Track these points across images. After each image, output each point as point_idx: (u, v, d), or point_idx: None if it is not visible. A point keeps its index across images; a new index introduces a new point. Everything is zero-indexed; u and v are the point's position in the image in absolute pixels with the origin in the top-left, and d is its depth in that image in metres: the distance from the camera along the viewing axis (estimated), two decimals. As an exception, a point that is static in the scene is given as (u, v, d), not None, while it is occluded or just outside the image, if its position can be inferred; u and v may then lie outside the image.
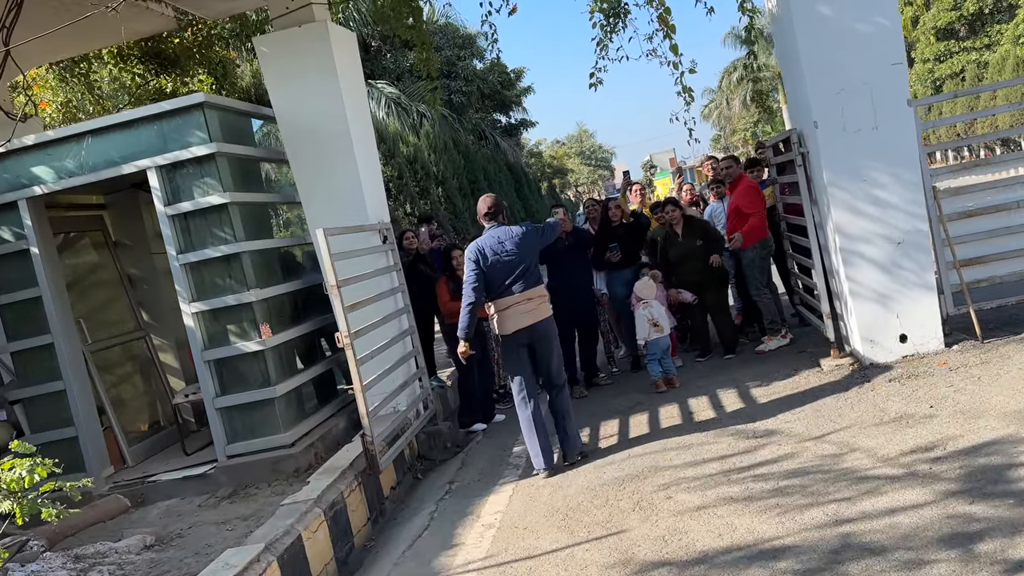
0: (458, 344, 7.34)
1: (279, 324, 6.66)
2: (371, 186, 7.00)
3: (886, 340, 6.30)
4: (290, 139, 6.78)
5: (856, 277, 6.29)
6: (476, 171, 21.51)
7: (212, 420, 6.31)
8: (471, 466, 6.33)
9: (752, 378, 6.92)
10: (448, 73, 22.47)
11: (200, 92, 6.13)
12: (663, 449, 5.56)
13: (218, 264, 6.26)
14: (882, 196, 6.17)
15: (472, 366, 7.40)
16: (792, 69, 6.52)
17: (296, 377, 6.60)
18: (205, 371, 6.26)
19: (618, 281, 8.11)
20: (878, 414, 5.27)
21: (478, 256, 5.71)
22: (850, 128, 6.15)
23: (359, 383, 5.42)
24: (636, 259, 8.17)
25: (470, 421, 7.42)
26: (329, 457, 6.30)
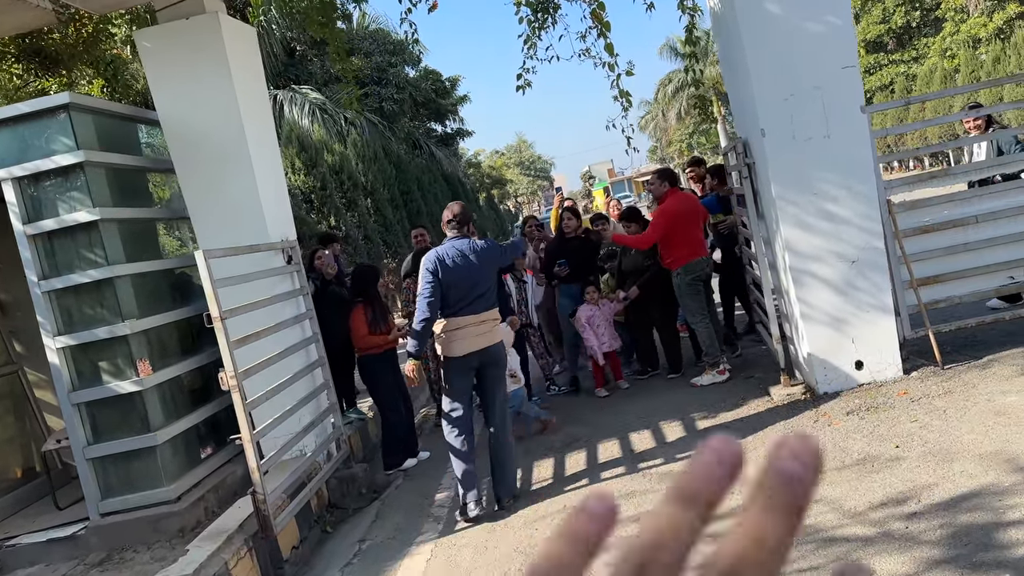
0: (378, 376, 6.68)
1: (165, 358, 5.81)
2: (273, 199, 6.21)
3: (840, 367, 5.78)
4: (176, 145, 5.95)
5: (807, 298, 5.77)
6: (409, 181, 20.69)
7: (83, 473, 5.43)
8: (387, 518, 5.57)
9: (698, 407, 6.34)
10: (379, 80, 21.64)
11: (66, 92, 5.26)
12: (601, 499, 4.90)
13: (87, 291, 5.39)
14: (835, 210, 5.66)
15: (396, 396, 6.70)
16: (737, 72, 5.98)
17: (184, 420, 5.75)
18: (74, 416, 5.38)
19: (564, 293, 7.74)
20: (839, 455, 4.71)
21: (436, 266, 5.03)
22: (800, 136, 5.63)
23: (247, 432, 4.63)
24: (586, 273, 7.73)
25: (398, 460, 6.65)
26: (224, 511, 5.49)
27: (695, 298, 7.03)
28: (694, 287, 7.01)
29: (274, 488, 5.03)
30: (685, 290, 7.02)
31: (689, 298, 7.03)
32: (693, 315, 7.07)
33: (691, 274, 6.98)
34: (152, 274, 5.92)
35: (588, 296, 7.39)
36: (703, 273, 7.05)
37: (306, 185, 13.26)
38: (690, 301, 7.04)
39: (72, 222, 5.29)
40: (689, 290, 7.00)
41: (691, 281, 6.99)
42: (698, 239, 7.08)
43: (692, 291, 7.01)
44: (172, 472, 5.51)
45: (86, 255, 5.36)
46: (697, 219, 7.19)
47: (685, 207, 7.07)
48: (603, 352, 7.33)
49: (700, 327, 7.03)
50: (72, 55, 7.81)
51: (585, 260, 7.79)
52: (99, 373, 5.42)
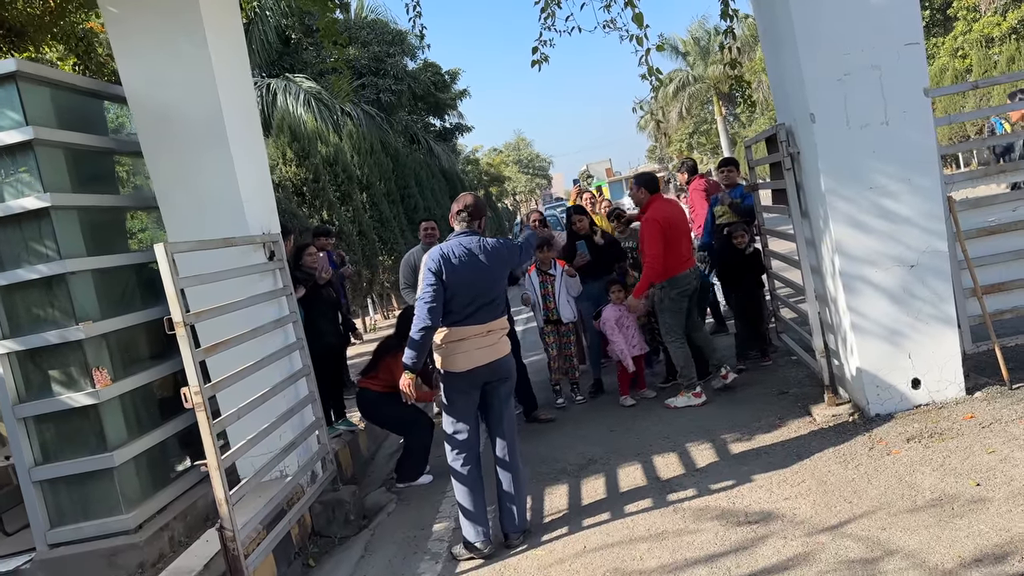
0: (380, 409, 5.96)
1: (128, 366, 5.11)
2: (254, 187, 5.50)
3: (895, 385, 5.11)
4: (144, 125, 5.23)
5: (859, 307, 5.08)
6: (407, 176, 19.98)
7: (28, 497, 4.74)
8: (378, 552, 4.87)
9: (728, 426, 5.65)
10: (376, 70, 20.90)
11: (13, 60, 4.55)
12: (629, 539, 4.21)
13: (36, 289, 4.69)
14: (892, 208, 4.98)
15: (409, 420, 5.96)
16: (781, 50, 5.29)
17: (148, 436, 5.05)
18: (18, 432, 4.68)
19: (583, 296, 7.17)
20: (908, 492, 4.03)
21: (440, 266, 4.32)
22: (855, 122, 4.95)
23: (214, 457, 3.93)
24: (603, 272, 7.14)
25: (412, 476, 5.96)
26: (191, 542, 4.80)
27: (676, 315, 6.41)
28: (677, 303, 6.39)
29: (247, 521, 4.33)
30: (668, 305, 6.38)
31: (670, 314, 6.40)
32: (669, 333, 6.43)
33: (677, 288, 6.34)
34: (116, 270, 5.22)
35: (613, 295, 6.77)
36: (689, 287, 6.41)
37: (297, 177, 12.55)
38: (670, 318, 6.40)
39: (19, 209, 4.60)
40: (672, 305, 6.39)
41: (676, 296, 6.36)
42: (686, 249, 6.43)
43: (675, 307, 6.39)
44: (132, 497, 4.81)
45: (35, 247, 4.66)
46: (684, 227, 6.54)
47: (672, 213, 6.42)
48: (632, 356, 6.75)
49: (675, 346, 6.42)
50: (39, 27, 7.09)
51: (600, 259, 7.14)
52: (49, 383, 4.73)
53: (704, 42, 49.35)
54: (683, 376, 6.46)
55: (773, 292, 7.02)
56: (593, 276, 7.15)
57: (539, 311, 7.14)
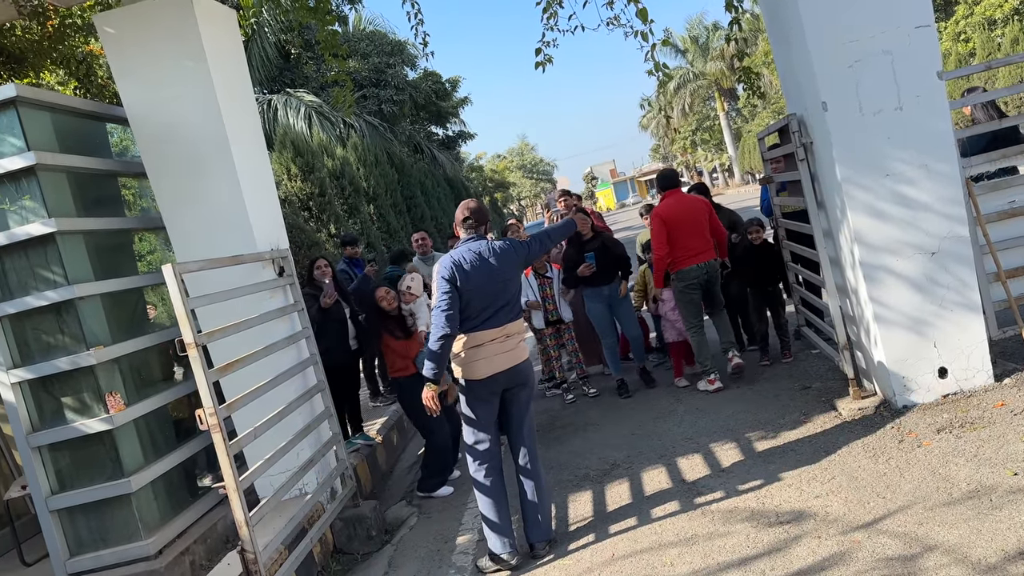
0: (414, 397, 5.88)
1: (142, 389, 5.06)
2: (260, 204, 5.44)
3: (921, 375, 4.99)
4: (147, 145, 5.18)
5: (882, 298, 4.97)
6: (412, 186, 19.97)
7: (46, 527, 4.67)
8: (402, 567, 4.79)
9: (751, 424, 5.55)
10: (377, 81, 20.88)
11: (12, 84, 4.50)
12: (658, 545, 4.11)
13: (45, 316, 4.64)
14: (911, 194, 4.88)
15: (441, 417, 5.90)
16: (789, 39, 5.19)
17: (165, 460, 4.99)
18: (33, 461, 4.62)
19: (594, 298, 7.15)
20: (943, 485, 3.92)
21: (453, 273, 4.27)
22: (868, 109, 4.85)
23: (232, 479, 3.85)
24: (612, 274, 7.10)
25: (433, 485, 5.90)
26: (212, 565, 4.74)
27: (687, 306, 6.59)
28: (686, 295, 6.55)
29: (268, 542, 4.26)
30: (678, 296, 6.62)
31: (683, 305, 6.63)
32: (687, 321, 6.64)
33: (683, 281, 6.52)
34: (126, 293, 5.17)
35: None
36: (695, 281, 6.49)
37: (303, 192, 12.50)
38: (684, 308, 6.63)
39: (24, 235, 4.55)
40: (681, 297, 6.59)
41: (683, 288, 6.53)
42: (693, 244, 6.44)
43: (684, 298, 6.58)
44: (151, 522, 4.75)
45: (42, 274, 4.60)
46: (695, 221, 6.47)
47: (678, 209, 6.48)
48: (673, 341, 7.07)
49: (691, 334, 6.64)
50: (38, 52, 7.06)
51: (609, 261, 7.06)
52: (62, 411, 4.68)
53: (702, 39, 49.25)
54: (699, 364, 6.64)
55: (792, 286, 6.91)
56: (600, 282, 7.07)
57: (538, 312, 7.28)
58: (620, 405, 6.90)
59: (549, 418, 6.97)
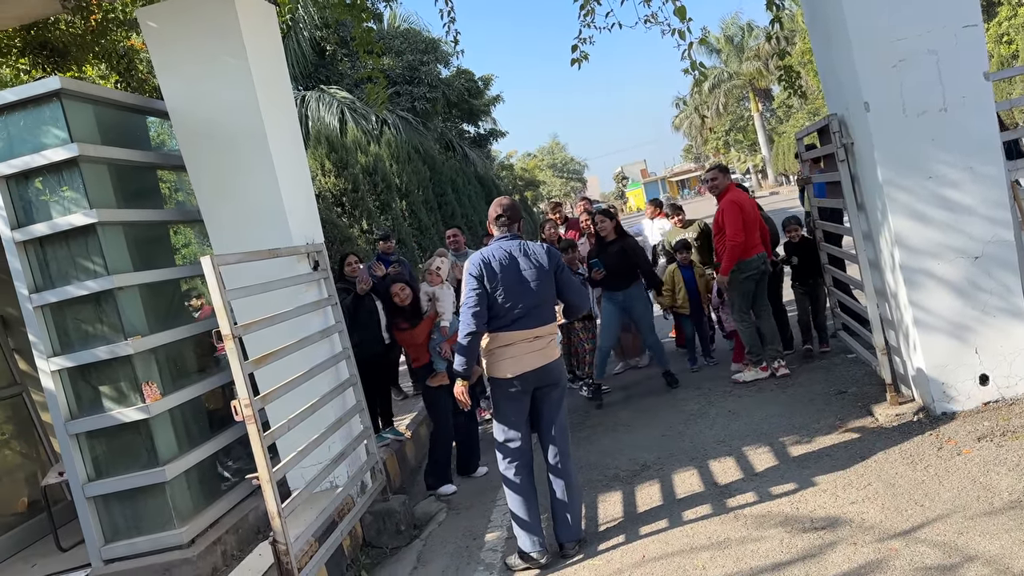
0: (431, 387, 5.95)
1: (178, 379, 5.12)
2: (296, 198, 5.48)
3: (961, 382, 4.89)
4: (186, 139, 5.24)
5: (922, 302, 4.88)
6: (444, 183, 20.01)
7: (83, 514, 4.74)
8: (430, 564, 4.79)
9: (785, 429, 5.48)
10: (410, 79, 20.96)
11: (56, 77, 4.57)
12: (689, 548, 4.07)
13: (85, 305, 4.70)
14: (954, 197, 4.78)
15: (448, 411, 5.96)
16: (831, 37, 5.11)
17: (199, 450, 5.04)
18: (71, 448, 4.69)
19: (610, 299, 7.30)
20: (984, 494, 3.84)
21: (481, 271, 4.27)
22: (911, 110, 4.76)
23: (266, 470, 3.88)
24: (629, 278, 7.13)
25: (438, 482, 5.94)
26: (244, 555, 4.78)
27: (743, 297, 6.80)
28: (745, 284, 6.76)
29: (299, 533, 4.28)
30: (736, 285, 6.79)
31: (737, 294, 6.80)
32: (737, 312, 6.86)
33: (744, 272, 6.71)
34: (163, 284, 5.24)
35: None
36: (755, 271, 6.74)
37: (336, 187, 12.59)
38: (737, 298, 6.82)
39: (66, 226, 4.61)
40: (739, 287, 6.78)
41: (744, 279, 6.72)
42: (755, 235, 6.75)
43: (742, 288, 6.78)
44: (184, 512, 4.80)
45: (83, 264, 4.67)
46: (755, 214, 6.85)
47: (747, 200, 6.87)
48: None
49: (742, 325, 6.84)
50: (80, 46, 7.18)
51: (626, 264, 7.05)
52: (99, 399, 4.74)
53: (737, 39, 48.77)
54: (750, 353, 6.82)
55: (829, 287, 6.84)
56: (613, 287, 7.14)
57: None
58: (651, 406, 6.85)
59: (579, 418, 6.94)
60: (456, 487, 5.98)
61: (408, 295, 6.01)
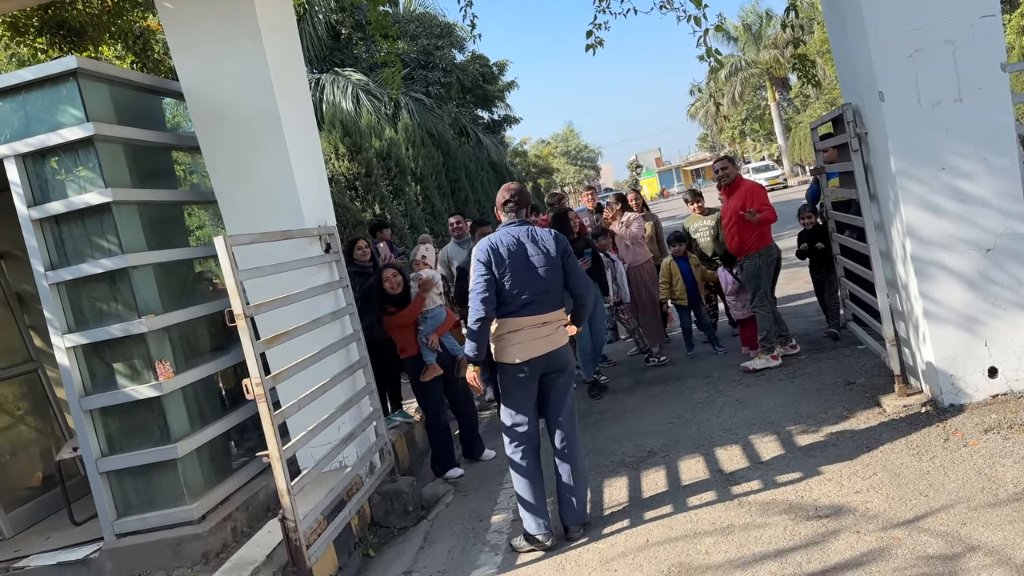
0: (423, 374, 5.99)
1: (191, 358, 5.18)
2: (309, 181, 5.51)
3: (970, 374, 4.89)
4: (201, 120, 5.28)
5: (932, 294, 4.87)
6: (457, 168, 20.01)
7: (96, 488, 4.83)
8: (437, 544, 4.85)
9: (792, 418, 5.49)
10: (425, 63, 20.93)
11: (73, 57, 4.62)
12: (693, 533, 4.10)
13: (100, 283, 4.77)
14: (967, 189, 4.76)
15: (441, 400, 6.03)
16: (847, 26, 5.09)
17: (211, 428, 5.11)
18: (85, 423, 4.77)
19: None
20: (988, 486, 3.85)
21: (489, 256, 4.29)
22: (926, 100, 4.73)
23: (276, 448, 3.94)
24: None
25: (444, 468, 6.01)
26: (253, 532, 4.84)
27: (767, 282, 6.88)
28: (767, 270, 6.88)
29: (308, 511, 4.34)
30: (762, 271, 6.84)
31: (764, 280, 6.86)
32: (760, 299, 6.88)
33: (769, 256, 6.89)
34: (176, 264, 5.29)
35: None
36: (773, 258, 6.94)
37: (350, 171, 12.62)
38: (763, 283, 6.86)
39: (81, 204, 4.67)
40: (764, 272, 6.86)
41: (767, 264, 6.86)
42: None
43: (765, 273, 6.88)
44: (195, 488, 4.88)
45: (98, 242, 4.73)
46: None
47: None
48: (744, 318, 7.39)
49: (763, 312, 6.88)
50: (97, 26, 7.22)
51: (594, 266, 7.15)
52: (113, 376, 4.81)
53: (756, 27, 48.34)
54: (765, 340, 6.87)
55: (840, 278, 6.83)
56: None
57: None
58: (659, 394, 6.88)
59: (587, 404, 6.97)
60: (463, 470, 6.04)
61: (399, 282, 6.02)
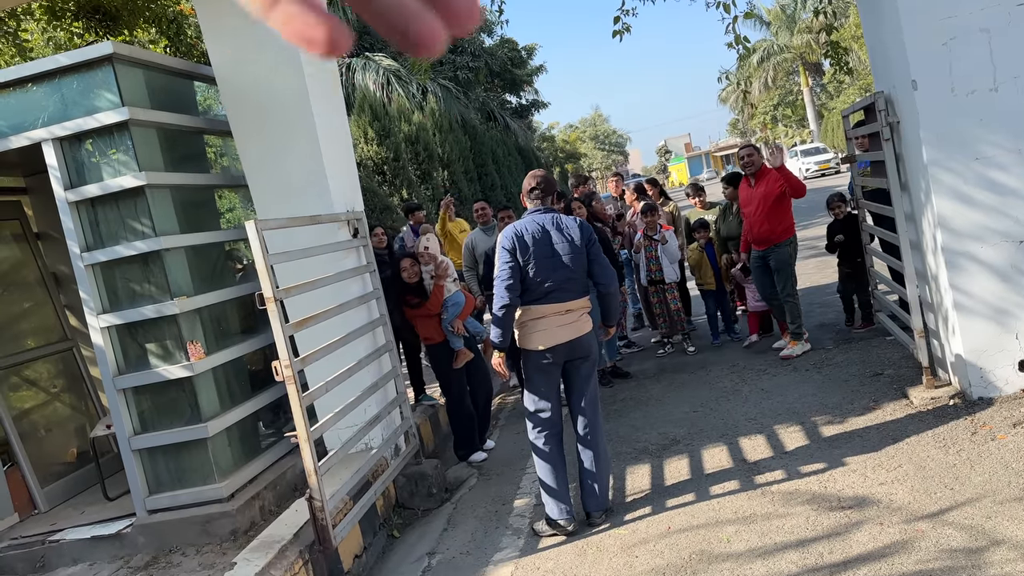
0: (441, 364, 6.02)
1: (221, 339, 5.27)
2: (338, 165, 5.56)
3: (1000, 367, 4.84)
4: (232, 105, 5.34)
5: (963, 285, 4.82)
6: (484, 154, 20.01)
7: (128, 465, 4.95)
8: (460, 526, 4.91)
9: (817, 408, 5.47)
10: (453, 48, 20.92)
11: (109, 42, 4.69)
12: (715, 521, 4.12)
13: (134, 265, 4.86)
14: (1001, 180, 4.69)
15: (463, 386, 6.07)
16: (881, 13, 5.02)
17: (240, 408, 5.21)
18: (119, 402, 4.88)
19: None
20: (1016, 480, 3.82)
21: (514, 244, 4.32)
22: (960, 89, 4.66)
23: (304, 429, 4.01)
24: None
25: (468, 452, 6.07)
26: (281, 511, 4.93)
27: (793, 272, 6.91)
28: (793, 260, 6.94)
29: (335, 492, 4.42)
30: (792, 259, 6.90)
31: (793, 268, 6.90)
32: (791, 287, 6.88)
33: (796, 245, 6.98)
34: (208, 247, 5.38)
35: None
36: (796, 247, 7.03)
37: (378, 156, 12.68)
38: (793, 271, 6.90)
39: (116, 188, 4.76)
40: (792, 260, 6.91)
41: (793, 253, 6.92)
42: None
43: (793, 262, 6.93)
44: (225, 467, 4.98)
45: (132, 225, 4.82)
46: None
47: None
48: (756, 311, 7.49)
49: (793, 300, 6.87)
50: (132, 11, 7.32)
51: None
52: (146, 356, 4.91)
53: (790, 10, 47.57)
54: (797, 327, 6.87)
55: (869, 268, 6.77)
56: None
57: (643, 271, 7.82)
58: (683, 382, 6.87)
59: (611, 391, 6.99)
60: (487, 454, 6.09)
61: (416, 272, 6.01)
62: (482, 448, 6.16)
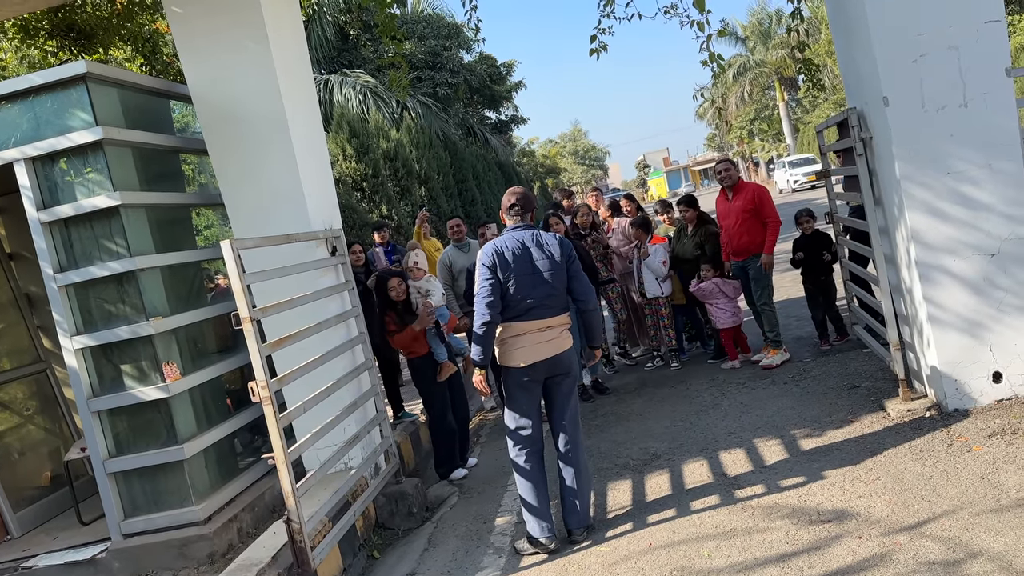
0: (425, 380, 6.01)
1: (197, 359, 5.22)
2: (315, 184, 5.54)
3: (974, 379, 4.89)
4: (209, 123, 5.31)
5: (937, 298, 4.87)
6: (464, 169, 20.05)
7: (103, 489, 4.87)
8: (441, 546, 4.87)
9: (796, 422, 5.50)
10: (433, 64, 20.98)
11: (82, 61, 4.66)
12: (696, 537, 4.12)
13: (108, 285, 4.81)
14: (972, 194, 4.76)
15: (446, 401, 6.05)
16: (852, 32, 5.09)
17: (217, 429, 5.15)
18: (93, 424, 4.81)
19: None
20: (992, 492, 3.85)
21: (494, 260, 4.31)
22: (931, 105, 4.73)
23: (281, 450, 3.97)
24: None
25: (448, 470, 6.03)
26: (259, 533, 4.88)
27: (771, 281, 7.02)
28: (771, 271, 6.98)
29: (314, 513, 4.37)
30: (765, 276, 6.92)
31: (771, 278, 7.00)
32: (767, 296, 6.98)
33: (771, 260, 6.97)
34: (184, 266, 5.34)
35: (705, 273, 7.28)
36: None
37: (357, 172, 12.67)
38: (770, 282, 7.00)
39: (90, 207, 4.72)
40: (771, 272, 6.98)
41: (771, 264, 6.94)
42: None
43: (771, 274, 7.01)
44: (201, 489, 4.91)
45: (106, 245, 4.77)
46: None
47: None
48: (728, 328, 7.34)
49: (770, 309, 6.99)
50: (107, 29, 7.28)
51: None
52: (121, 377, 4.85)
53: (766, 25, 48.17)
54: (775, 335, 7.00)
55: (846, 282, 6.83)
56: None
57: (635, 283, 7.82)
58: (664, 397, 6.89)
59: (591, 406, 6.99)
60: (467, 471, 6.06)
61: (404, 290, 6.02)
62: (464, 466, 6.13)
